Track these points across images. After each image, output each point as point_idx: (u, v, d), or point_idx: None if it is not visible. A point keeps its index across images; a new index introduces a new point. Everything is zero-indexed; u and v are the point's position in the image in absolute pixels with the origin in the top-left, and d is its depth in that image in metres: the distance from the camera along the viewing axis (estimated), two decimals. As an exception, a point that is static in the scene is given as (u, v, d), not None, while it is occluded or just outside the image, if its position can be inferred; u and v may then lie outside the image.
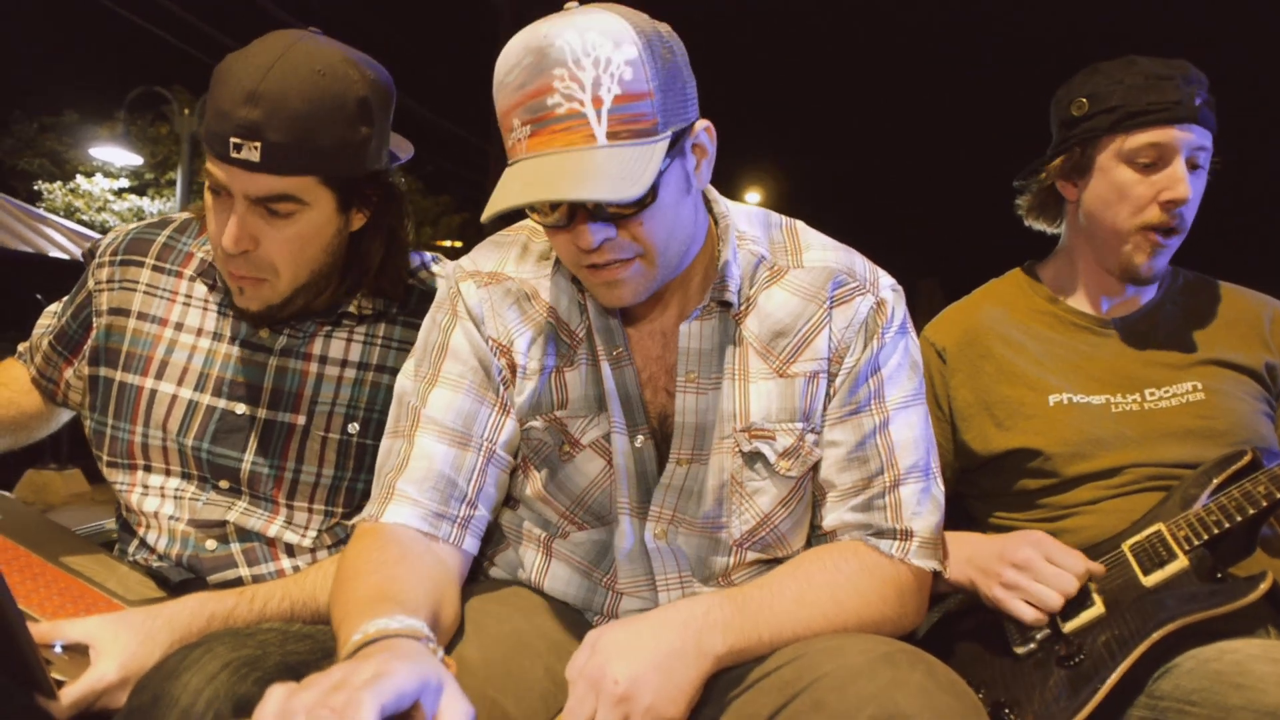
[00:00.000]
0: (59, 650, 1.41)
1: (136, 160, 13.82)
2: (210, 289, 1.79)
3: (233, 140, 1.52)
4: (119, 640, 1.41)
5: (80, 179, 17.26)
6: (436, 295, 1.61)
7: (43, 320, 2.00)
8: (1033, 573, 1.64)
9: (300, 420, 1.74)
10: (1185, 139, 1.79)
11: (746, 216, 1.57)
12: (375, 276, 1.76)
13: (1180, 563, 1.61)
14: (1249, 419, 1.81)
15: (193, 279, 1.81)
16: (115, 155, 12.89)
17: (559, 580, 1.57)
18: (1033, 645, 1.63)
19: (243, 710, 1.20)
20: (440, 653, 1.16)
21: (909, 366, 1.54)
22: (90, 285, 1.87)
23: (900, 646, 1.27)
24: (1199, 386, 1.83)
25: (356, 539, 1.44)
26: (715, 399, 1.50)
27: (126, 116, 12.48)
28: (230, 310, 1.77)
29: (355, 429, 1.74)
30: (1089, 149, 1.88)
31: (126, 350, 1.79)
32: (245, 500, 1.74)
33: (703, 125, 1.40)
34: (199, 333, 1.78)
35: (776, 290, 1.52)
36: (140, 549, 1.77)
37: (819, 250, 1.56)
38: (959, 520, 1.94)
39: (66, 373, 1.91)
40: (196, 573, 1.70)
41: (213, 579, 1.70)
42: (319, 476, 1.73)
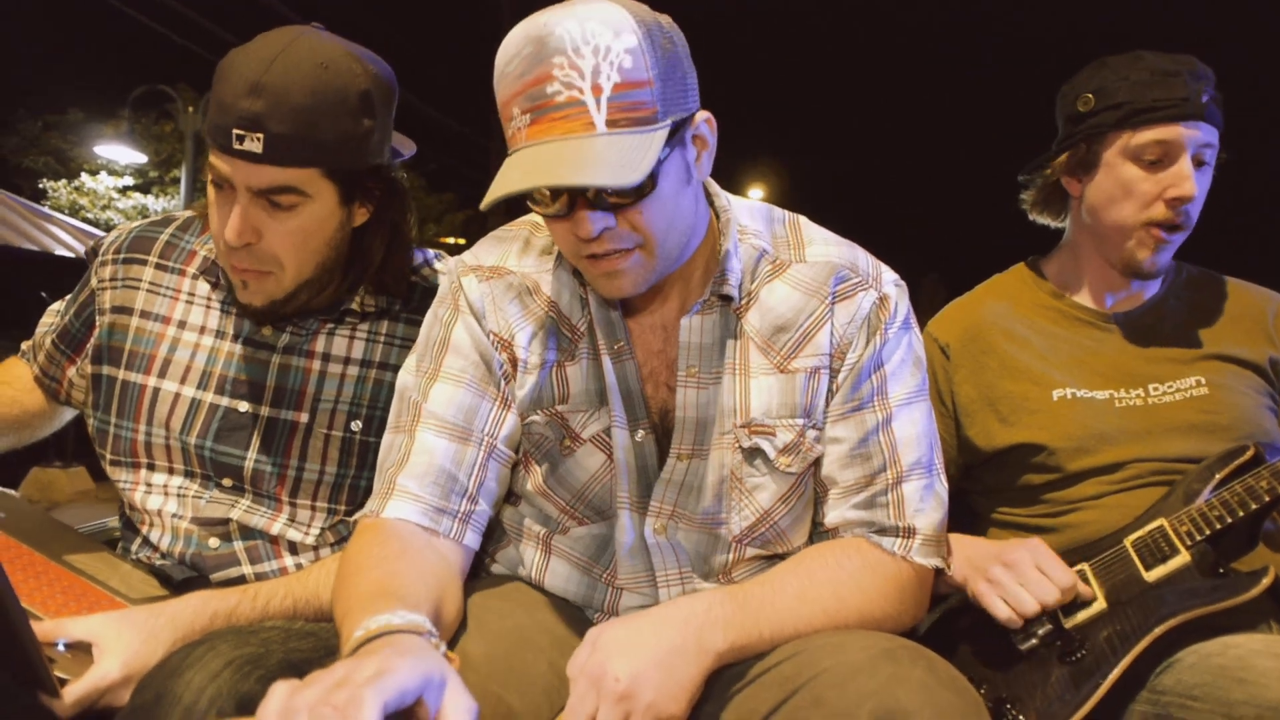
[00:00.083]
0: (62, 648, 1.41)
1: (141, 158, 13.86)
2: (213, 287, 1.79)
3: (235, 132, 1.52)
4: (122, 638, 1.41)
5: (85, 177, 17.29)
6: (438, 290, 1.61)
7: (46, 319, 2.00)
8: (1018, 574, 1.64)
9: (303, 418, 1.74)
10: (1191, 136, 1.79)
11: (749, 211, 1.57)
12: (378, 272, 1.76)
13: (1182, 558, 1.61)
14: (1252, 414, 1.80)
15: (195, 277, 1.81)
16: (120, 153, 12.92)
17: (559, 577, 1.57)
18: (1034, 641, 1.63)
19: (246, 708, 1.20)
20: (443, 648, 1.16)
21: (912, 362, 1.53)
22: (93, 283, 1.87)
23: (901, 643, 1.27)
24: (1202, 381, 1.83)
25: (358, 535, 1.44)
26: (716, 394, 1.49)
27: (131, 114, 12.51)
28: (233, 308, 1.77)
29: (358, 426, 1.74)
30: (1094, 145, 1.87)
31: (129, 348, 1.80)
32: (248, 498, 1.74)
33: (703, 116, 1.40)
34: (202, 330, 1.78)
35: (778, 285, 1.51)
36: (143, 547, 1.77)
37: (821, 245, 1.55)
38: (962, 516, 1.94)
39: (69, 371, 1.91)
40: (199, 571, 1.71)
41: (216, 577, 1.70)
42: (322, 474, 1.73)
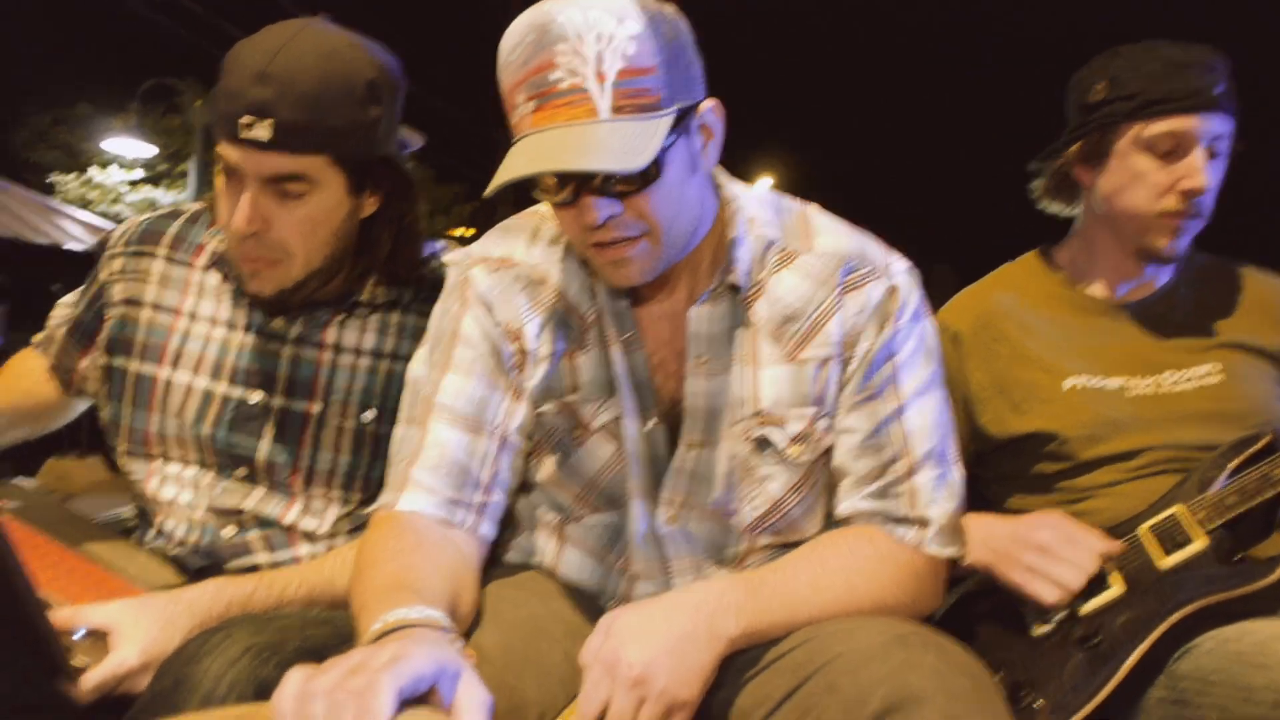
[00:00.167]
0: (80, 636, 1.42)
1: (150, 152, 13.89)
2: (223, 278, 1.80)
3: (243, 119, 1.53)
4: (139, 625, 1.41)
5: (94, 170, 17.33)
6: (446, 282, 1.61)
7: (57, 311, 2.01)
8: (1052, 555, 1.63)
9: (315, 408, 1.74)
10: (1205, 128, 1.77)
11: (758, 200, 1.56)
12: (388, 263, 1.76)
13: (1199, 544, 1.61)
14: (1267, 401, 1.80)
15: (205, 269, 1.81)
16: (128, 147, 12.96)
17: (572, 566, 1.57)
18: (1050, 627, 1.63)
19: (263, 694, 1.20)
20: (460, 643, 1.16)
21: (924, 352, 1.52)
22: (103, 276, 1.88)
23: (914, 628, 1.27)
24: (1216, 369, 1.82)
25: (373, 528, 1.44)
26: (725, 383, 1.49)
27: (139, 108, 12.52)
28: (244, 299, 1.77)
29: (370, 416, 1.74)
30: (1107, 135, 1.85)
31: (141, 340, 1.80)
32: (263, 488, 1.74)
33: (710, 105, 1.40)
34: (213, 322, 1.79)
35: (787, 274, 1.50)
36: (158, 536, 1.77)
37: (831, 235, 1.54)
38: (975, 503, 1.93)
39: (82, 363, 1.91)
40: (214, 559, 1.71)
41: (231, 566, 1.70)
42: (335, 464, 1.74)
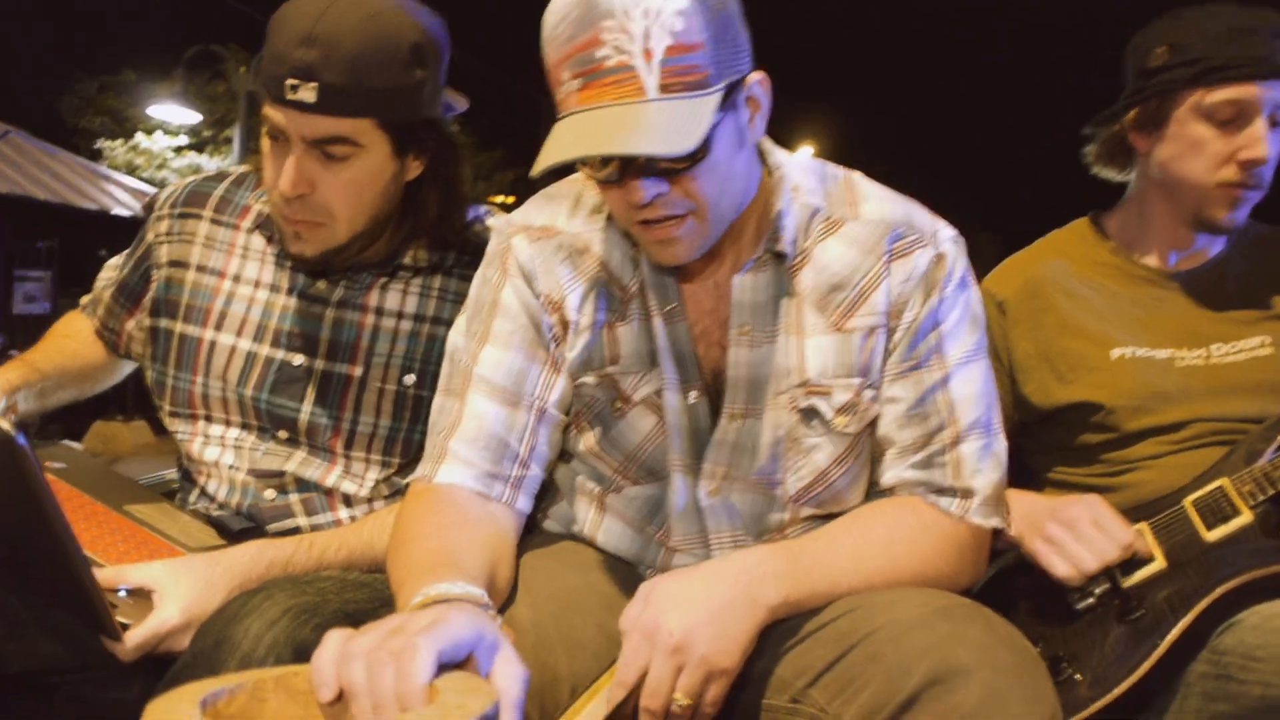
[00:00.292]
0: (123, 594, 1.44)
1: (195, 118, 13.96)
2: (268, 241, 1.81)
3: (289, 82, 1.53)
4: (181, 585, 1.44)
5: (140, 137, 17.50)
6: (487, 251, 1.60)
7: (104, 273, 2.03)
8: (1076, 532, 1.61)
9: (357, 371, 1.75)
10: (1268, 96, 1.72)
11: (801, 168, 1.54)
12: (434, 227, 1.77)
13: (1244, 518, 1.58)
14: (1319, 374, 1.76)
15: (250, 231, 1.82)
16: (174, 113, 13.03)
17: (612, 535, 1.57)
18: (1091, 600, 1.61)
19: (302, 655, 1.22)
20: (499, 620, 1.16)
21: (970, 321, 1.50)
22: (150, 238, 1.89)
23: (958, 600, 1.27)
24: (1267, 342, 1.79)
25: (411, 499, 1.45)
26: (769, 353, 1.48)
27: (184, 75, 12.58)
28: (287, 262, 1.78)
29: (411, 380, 1.75)
30: (1165, 101, 1.80)
31: (186, 302, 1.81)
32: (304, 450, 1.76)
33: (756, 77, 1.37)
34: (257, 284, 1.80)
35: (832, 243, 1.48)
36: (201, 498, 1.79)
37: (877, 202, 1.52)
38: (1018, 474, 1.91)
39: (128, 324, 1.93)
40: (256, 522, 1.73)
41: (272, 528, 1.72)
42: (376, 427, 1.75)
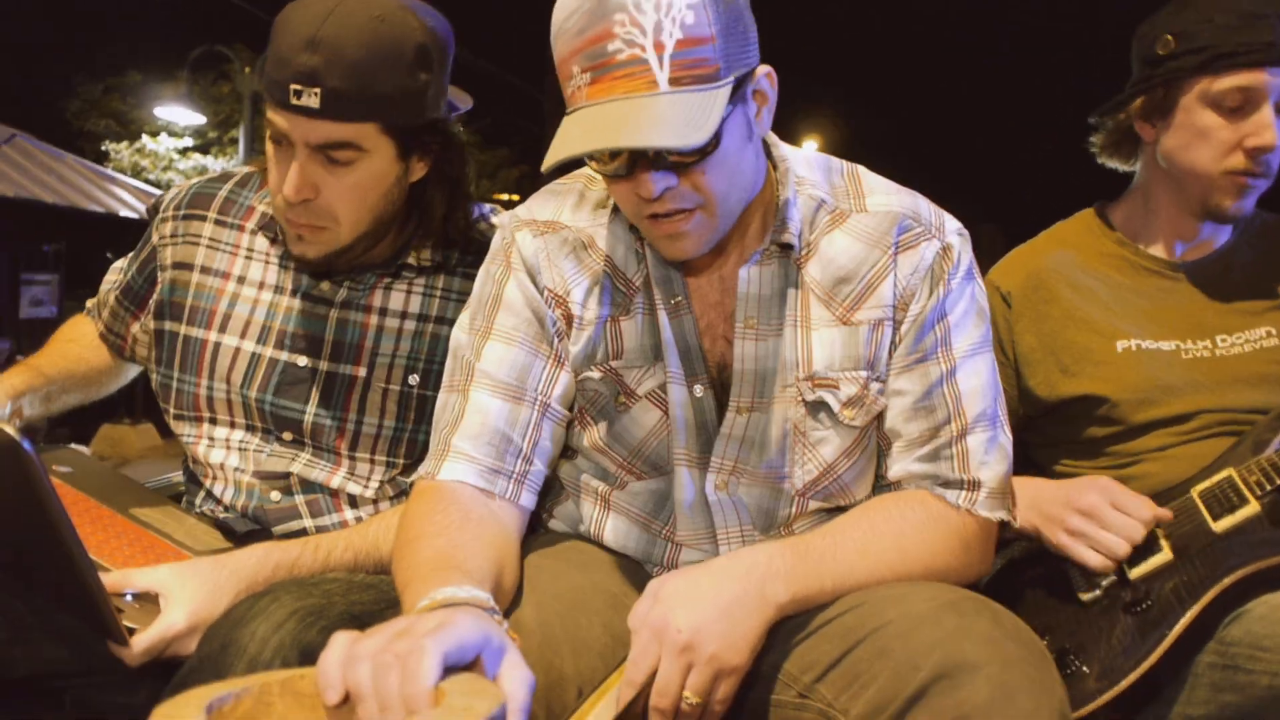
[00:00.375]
0: (130, 599, 1.44)
1: (200, 119, 13.99)
2: (272, 242, 1.81)
3: (293, 87, 1.53)
4: (187, 589, 1.44)
5: (146, 139, 17.52)
6: (491, 246, 1.60)
7: (109, 276, 2.03)
8: (1099, 520, 1.61)
9: (361, 372, 1.75)
10: (1276, 83, 1.72)
11: (806, 161, 1.54)
12: (438, 227, 1.77)
13: (1251, 508, 1.57)
14: (1325, 364, 1.76)
15: (254, 232, 1.82)
16: (179, 115, 13.06)
17: (618, 533, 1.56)
18: (1098, 592, 1.61)
19: (309, 658, 1.21)
20: (505, 625, 1.16)
21: (976, 313, 1.50)
22: (154, 240, 1.89)
23: (966, 594, 1.26)
24: (1273, 332, 1.79)
25: (416, 498, 1.45)
26: (775, 346, 1.48)
27: (189, 76, 12.61)
28: (291, 263, 1.78)
29: (415, 380, 1.75)
30: (1172, 89, 1.80)
31: (190, 304, 1.82)
32: (308, 452, 1.76)
33: (764, 71, 1.37)
34: (261, 286, 1.80)
35: (838, 235, 1.48)
36: (207, 500, 1.80)
37: (883, 195, 1.52)
38: (1023, 468, 1.91)
39: (133, 327, 1.94)
40: (261, 524, 1.73)
41: (277, 530, 1.72)
42: (380, 428, 1.75)
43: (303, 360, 1.75)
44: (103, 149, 17.63)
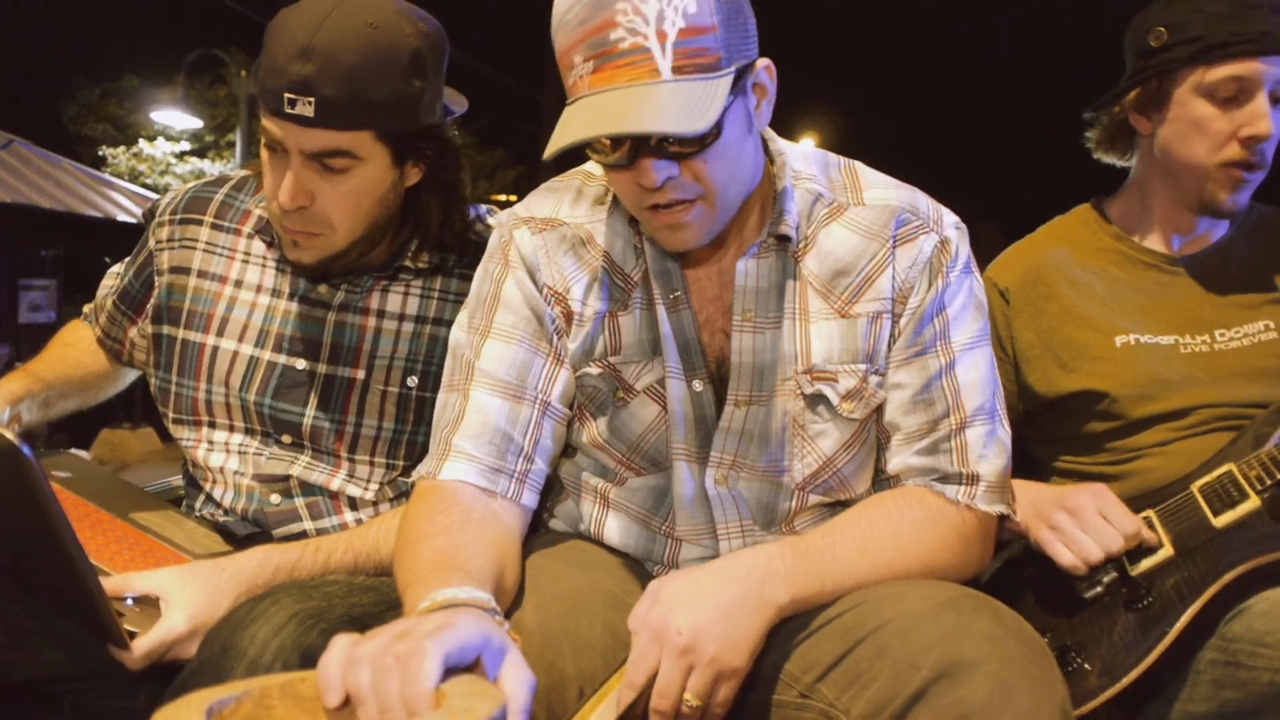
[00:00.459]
0: (130, 603, 1.44)
1: (197, 123, 13.98)
2: (268, 246, 1.81)
3: (287, 96, 1.52)
4: (187, 592, 1.44)
5: (143, 143, 17.52)
6: (489, 245, 1.60)
7: (106, 281, 2.03)
8: (1081, 520, 1.60)
9: (360, 374, 1.75)
10: (1270, 72, 1.72)
11: (803, 156, 1.54)
12: (434, 230, 1.77)
13: (1252, 503, 1.57)
14: (1324, 357, 1.76)
15: (251, 236, 1.82)
16: (175, 119, 13.05)
17: (617, 531, 1.56)
18: (1099, 589, 1.60)
19: (309, 660, 1.21)
20: (506, 626, 1.16)
21: (974, 307, 1.51)
22: (151, 244, 1.89)
23: (965, 592, 1.26)
24: (1271, 325, 1.78)
25: (418, 498, 1.44)
26: (773, 339, 1.48)
27: (185, 80, 12.59)
28: (288, 266, 1.78)
29: (414, 382, 1.75)
30: (1166, 81, 1.80)
31: (188, 308, 1.81)
32: (308, 454, 1.76)
33: (764, 64, 1.38)
34: (258, 289, 1.80)
35: (836, 228, 1.49)
36: (206, 504, 1.80)
37: (881, 188, 1.53)
38: (1023, 464, 1.91)
39: (131, 332, 1.93)
40: (261, 527, 1.73)
41: (277, 533, 1.72)
42: (379, 430, 1.75)
43: (301, 363, 1.75)
44: (100, 153, 17.63)
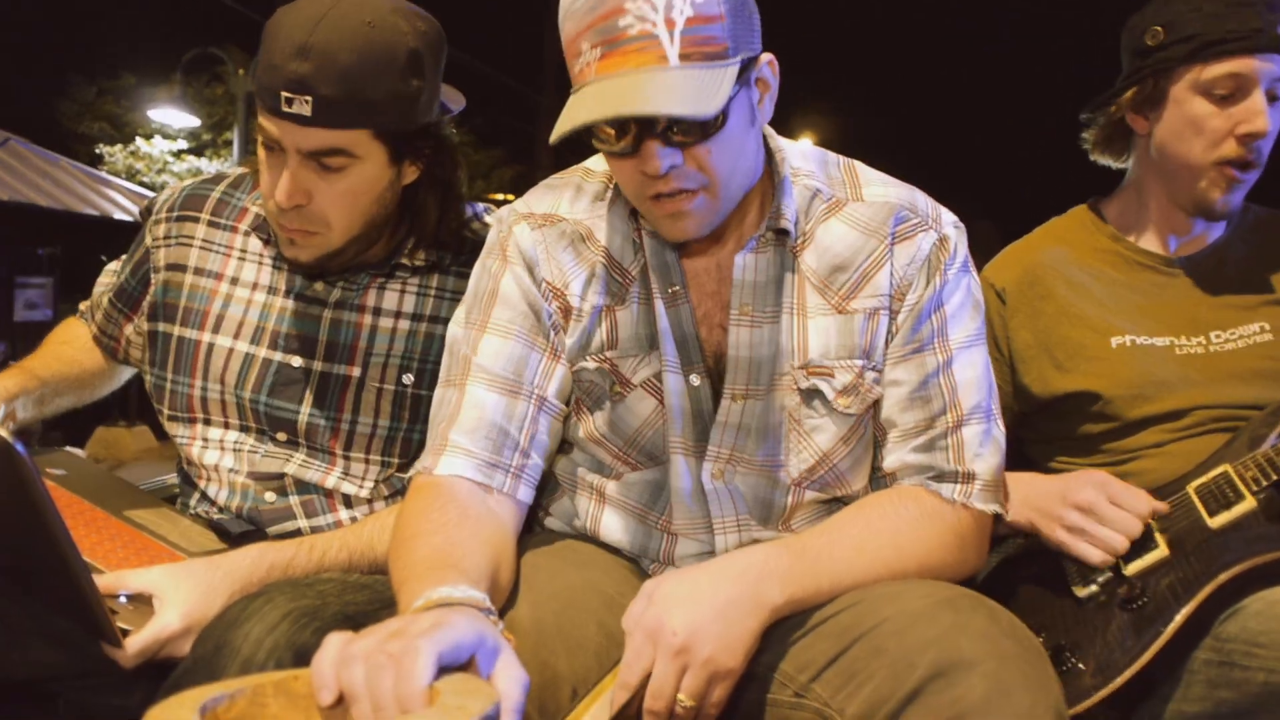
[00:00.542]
0: (123, 600, 1.44)
1: (194, 122, 13.95)
2: (265, 243, 1.81)
3: (284, 94, 1.52)
4: (181, 590, 1.43)
5: (140, 141, 17.49)
6: (487, 241, 1.60)
7: (103, 279, 2.03)
8: (1096, 515, 1.61)
9: (355, 372, 1.75)
10: (1266, 69, 1.72)
11: (801, 153, 1.55)
12: (431, 229, 1.77)
13: (1247, 504, 1.57)
14: (1320, 359, 1.76)
15: (247, 233, 1.82)
16: (173, 117, 13.00)
17: (613, 527, 1.56)
18: (1094, 588, 1.60)
19: (303, 659, 1.21)
20: (500, 625, 1.16)
21: (971, 305, 1.51)
22: (148, 242, 1.89)
23: (961, 591, 1.26)
24: (1266, 327, 1.79)
25: (414, 495, 1.44)
26: (770, 334, 1.48)
27: (182, 78, 12.57)
28: (284, 264, 1.78)
29: (410, 380, 1.75)
30: (1162, 80, 1.81)
31: (184, 305, 1.81)
32: (303, 452, 1.75)
33: (767, 58, 1.39)
34: (254, 286, 1.80)
35: (835, 223, 1.49)
36: (201, 502, 1.79)
37: (880, 186, 1.53)
38: (1018, 465, 1.91)
39: (126, 329, 1.93)
40: (256, 525, 1.73)
41: (272, 530, 1.72)
42: (375, 427, 1.74)
43: (297, 360, 1.75)
44: (97, 152, 17.60)
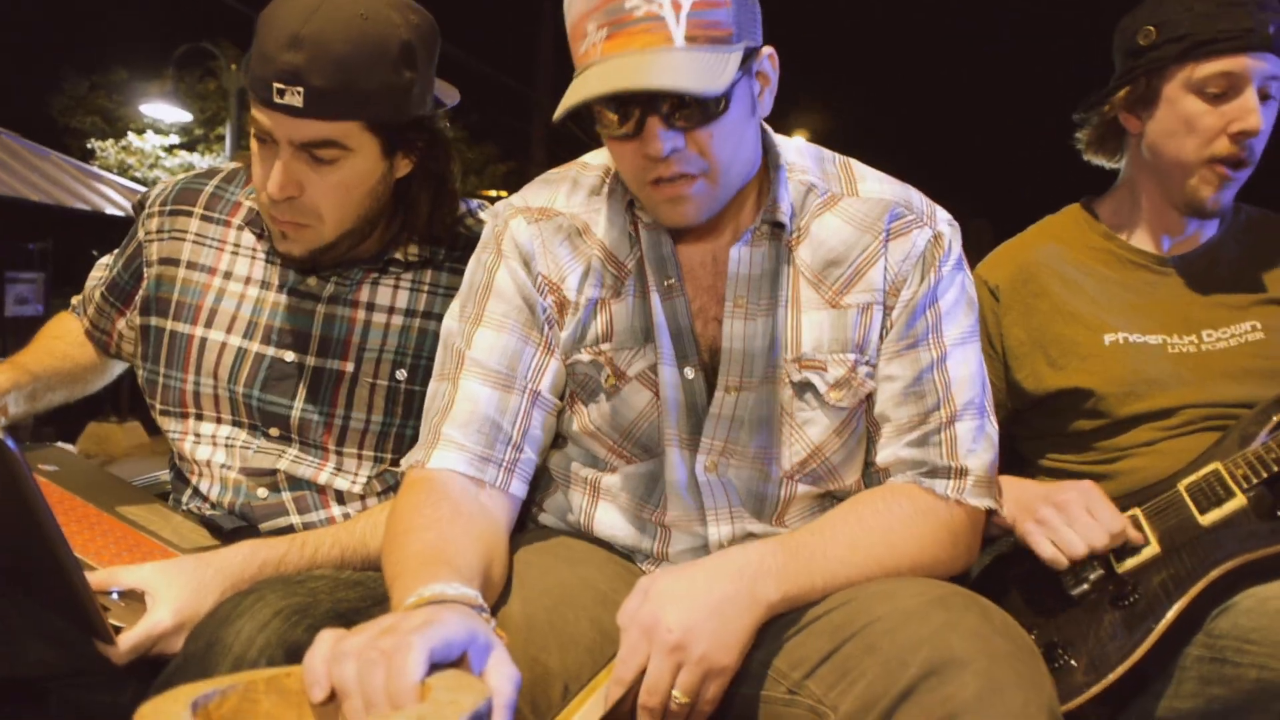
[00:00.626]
0: (116, 597, 1.44)
1: (186, 116, 13.92)
2: (258, 237, 1.80)
3: (276, 85, 1.52)
4: (173, 587, 1.43)
5: (132, 136, 17.43)
6: (482, 235, 1.60)
7: (95, 273, 2.03)
8: (1067, 515, 1.61)
9: (348, 367, 1.74)
10: (1258, 68, 1.73)
11: (797, 149, 1.56)
12: (424, 223, 1.76)
13: (1238, 501, 1.58)
14: (1311, 357, 1.76)
15: (240, 228, 1.82)
16: (165, 112, 12.97)
17: (607, 522, 1.57)
18: (1086, 586, 1.61)
19: (294, 656, 1.21)
20: (493, 623, 1.16)
21: (965, 302, 1.52)
22: (140, 236, 1.89)
23: (954, 589, 1.27)
24: (1258, 326, 1.79)
25: (407, 489, 1.44)
26: (764, 326, 1.49)
27: (175, 73, 12.53)
28: (278, 258, 1.77)
29: (403, 375, 1.74)
30: (1155, 79, 1.81)
31: (177, 299, 1.81)
32: (295, 448, 1.75)
33: (767, 51, 1.41)
34: (247, 281, 1.79)
35: (830, 218, 1.50)
36: (193, 498, 1.79)
37: (875, 182, 1.55)
38: (1010, 461, 1.91)
39: (119, 324, 1.93)
40: (248, 521, 1.73)
41: (264, 527, 1.72)
42: (368, 423, 1.74)
43: (289, 355, 1.75)
44: (89, 146, 17.53)
